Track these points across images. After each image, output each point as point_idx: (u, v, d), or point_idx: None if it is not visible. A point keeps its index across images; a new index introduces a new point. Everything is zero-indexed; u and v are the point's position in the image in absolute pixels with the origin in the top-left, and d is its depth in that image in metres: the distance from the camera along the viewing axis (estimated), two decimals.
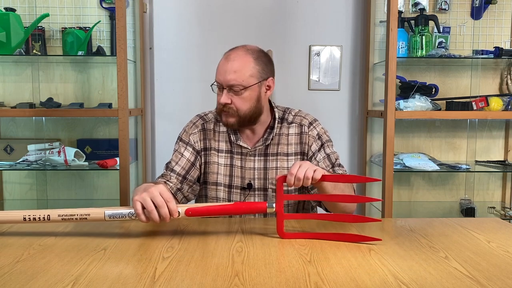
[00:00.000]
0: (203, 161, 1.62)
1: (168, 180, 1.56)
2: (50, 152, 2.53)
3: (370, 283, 0.95)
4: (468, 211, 2.64)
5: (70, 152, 2.52)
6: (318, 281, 0.96)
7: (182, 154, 1.60)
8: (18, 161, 2.54)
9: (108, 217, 1.26)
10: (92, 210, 1.26)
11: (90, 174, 2.76)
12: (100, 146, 2.68)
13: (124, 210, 1.26)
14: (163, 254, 1.12)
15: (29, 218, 1.25)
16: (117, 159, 2.47)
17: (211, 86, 1.55)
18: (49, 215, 1.25)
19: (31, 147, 2.57)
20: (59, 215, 1.26)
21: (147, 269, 1.03)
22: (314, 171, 1.28)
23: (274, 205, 1.26)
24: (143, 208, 1.22)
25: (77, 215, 1.26)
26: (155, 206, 1.21)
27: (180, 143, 1.63)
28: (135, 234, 1.30)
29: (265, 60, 1.54)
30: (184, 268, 1.03)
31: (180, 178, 1.58)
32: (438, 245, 1.21)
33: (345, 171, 1.61)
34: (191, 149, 1.61)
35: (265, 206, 1.26)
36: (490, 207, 2.72)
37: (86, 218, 1.26)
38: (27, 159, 2.53)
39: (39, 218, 1.25)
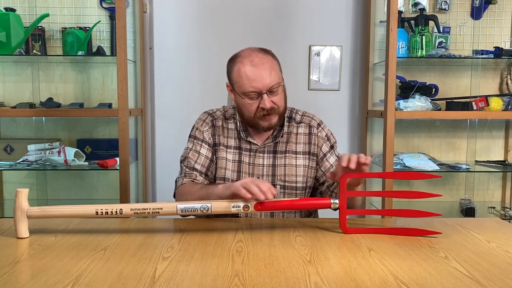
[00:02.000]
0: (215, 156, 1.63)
1: (194, 179, 1.58)
2: (50, 152, 2.53)
3: (370, 283, 0.95)
4: (468, 211, 2.64)
5: (70, 152, 2.52)
6: (318, 281, 0.96)
7: (199, 152, 1.61)
8: (18, 161, 2.54)
9: (180, 211, 1.28)
10: (164, 205, 1.29)
11: (90, 174, 2.76)
12: (100, 146, 2.68)
13: (196, 204, 1.29)
14: (163, 254, 1.12)
15: (101, 212, 1.26)
16: (117, 159, 2.47)
17: (243, 98, 1.51)
18: (121, 209, 1.27)
19: (31, 147, 2.57)
20: (131, 209, 1.28)
21: (147, 269, 1.03)
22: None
23: (337, 201, 1.32)
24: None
25: (150, 209, 1.28)
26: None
27: (195, 141, 1.63)
28: (135, 234, 1.30)
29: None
30: (184, 268, 1.03)
31: (203, 175, 1.60)
32: (438, 245, 1.21)
33: None
34: (206, 146, 1.62)
35: (330, 202, 1.32)
36: (490, 207, 2.72)
37: (158, 212, 1.28)
38: (27, 159, 2.53)
39: (111, 212, 1.26)
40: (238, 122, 1.62)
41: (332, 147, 1.65)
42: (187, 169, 1.60)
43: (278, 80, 1.51)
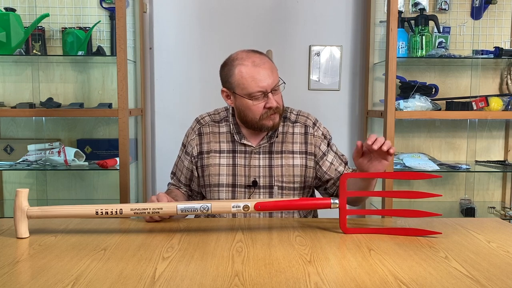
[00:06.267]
0: (199, 165, 1.65)
1: (179, 188, 1.73)
2: (50, 152, 2.53)
3: (370, 283, 0.95)
4: (468, 211, 2.64)
5: (70, 152, 2.52)
6: (318, 281, 0.96)
7: (184, 163, 1.69)
8: (18, 161, 2.54)
9: (180, 211, 1.29)
10: (164, 205, 1.31)
11: (90, 174, 2.76)
12: (100, 146, 2.69)
13: (196, 204, 1.30)
14: (163, 254, 1.12)
15: (101, 212, 1.27)
16: (117, 159, 2.47)
17: (250, 99, 1.50)
18: (121, 209, 1.28)
19: (31, 147, 2.57)
20: (131, 209, 1.29)
21: (147, 269, 1.03)
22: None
23: (337, 201, 1.31)
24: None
25: (150, 209, 1.29)
26: None
27: (183, 149, 1.70)
28: (135, 234, 1.30)
29: None
30: (184, 268, 1.03)
31: (188, 186, 1.71)
32: (438, 245, 1.21)
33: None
34: (189, 158, 1.67)
35: (330, 202, 1.32)
36: (490, 207, 2.72)
37: (158, 212, 1.30)
38: (27, 159, 2.53)
39: (111, 212, 1.27)
40: (231, 124, 1.62)
41: (328, 144, 1.67)
42: (174, 178, 1.74)
43: (278, 79, 1.54)
